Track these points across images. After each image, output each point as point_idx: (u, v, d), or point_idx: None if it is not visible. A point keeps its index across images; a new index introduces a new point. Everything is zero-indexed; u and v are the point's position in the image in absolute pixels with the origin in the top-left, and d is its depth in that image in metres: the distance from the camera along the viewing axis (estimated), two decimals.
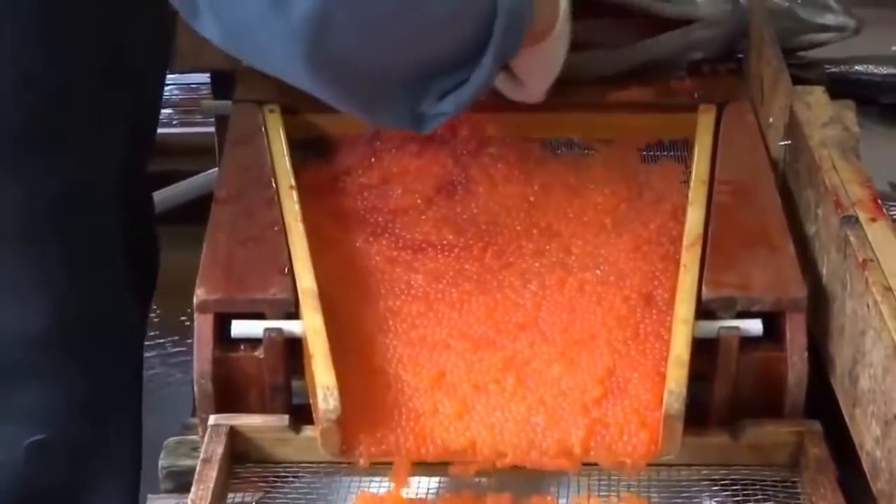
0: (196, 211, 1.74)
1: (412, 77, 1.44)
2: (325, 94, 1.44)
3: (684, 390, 1.38)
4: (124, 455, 1.82)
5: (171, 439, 1.61)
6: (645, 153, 1.76)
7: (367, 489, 1.44)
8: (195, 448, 1.55)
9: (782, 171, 1.67)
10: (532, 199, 1.65)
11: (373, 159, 1.70)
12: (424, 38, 1.40)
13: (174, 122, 3.51)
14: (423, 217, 1.62)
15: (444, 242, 1.58)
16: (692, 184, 1.62)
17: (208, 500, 1.37)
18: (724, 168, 1.64)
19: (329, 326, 1.42)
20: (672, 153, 1.76)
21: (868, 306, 1.35)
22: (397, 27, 1.37)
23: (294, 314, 1.46)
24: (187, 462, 1.56)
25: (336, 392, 1.36)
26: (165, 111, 3.53)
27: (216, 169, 1.73)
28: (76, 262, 1.72)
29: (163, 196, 2.99)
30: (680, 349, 1.41)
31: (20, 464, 1.76)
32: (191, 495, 1.38)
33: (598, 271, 1.54)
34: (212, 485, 1.39)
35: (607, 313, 1.49)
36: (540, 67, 1.66)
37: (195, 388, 1.47)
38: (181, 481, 1.54)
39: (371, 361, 1.45)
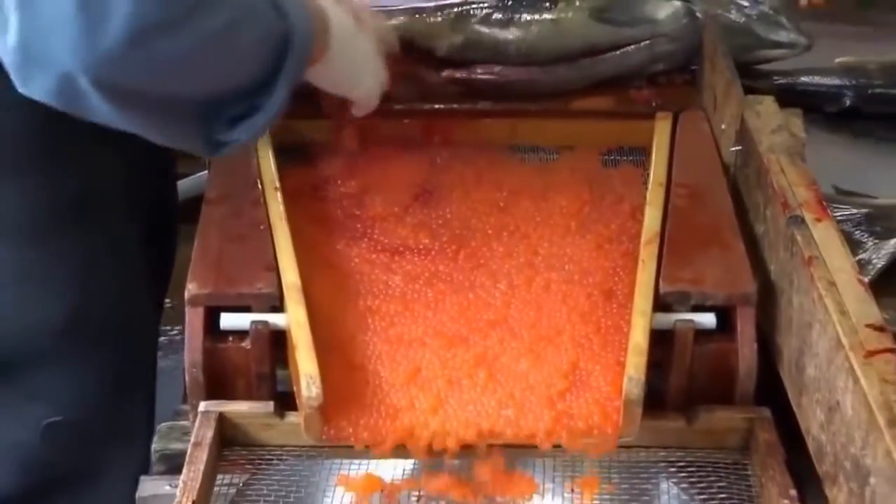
0: (186, 211, 1.80)
1: (203, 107, 1.45)
2: (119, 120, 1.40)
3: (643, 377, 1.44)
4: (136, 441, 1.86)
5: (164, 424, 1.66)
6: (606, 157, 1.84)
7: (347, 471, 1.50)
8: (186, 433, 1.60)
9: (733, 174, 1.74)
10: (501, 203, 1.73)
11: (352, 170, 1.77)
12: (218, 72, 1.42)
13: None
14: (401, 223, 1.69)
15: (420, 246, 1.65)
16: (650, 186, 1.70)
17: (199, 481, 1.43)
18: (679, 172, 1.72)
19: (312, 324, 1.49)
20: (631, 158, 1.84)
21: (814, 300, 1.42)
22: (191, 64, 1.38)
23: (279, 308, 1.53)
24: (178, 446, 1.61)
25: (318, 380, 1.42)
26: None
27: (206, 172, 1.78)
28: (97, 256, 1.77)
29: None
30: (639, 338, 1.48)
31: (37, 443, 1.81)
32: (182, 476, 1.44)
33: (563, 269, 1.62)
34: (202, 467, 1.45)
35: (572, 310, 1.56)
36: (332, 82, 1.69)
37: (186, 377, 1.53)
38: (173, 464, 1.59)
39: (352, 358, 1.51)
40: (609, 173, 1.81)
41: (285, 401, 1.52)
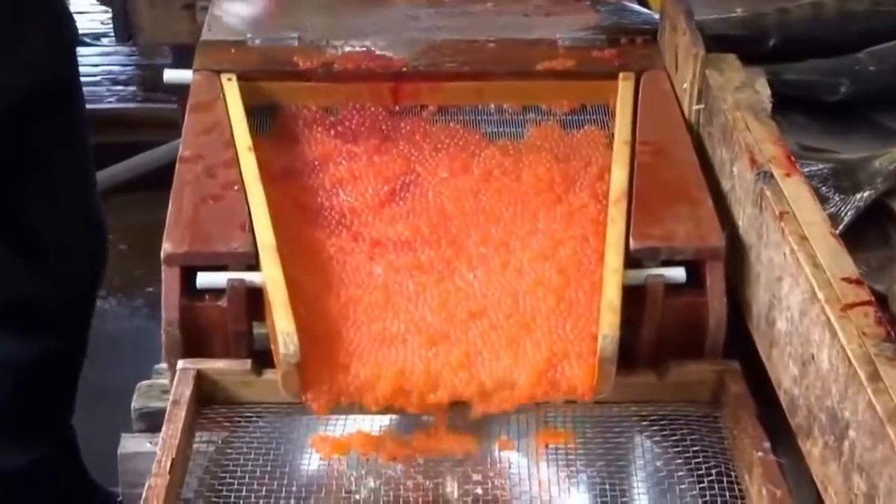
0: (162, 178, 1.66)
1: None
2: None
3: (617, 334, 1.32)
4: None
5: (143, 383, 1.54)
6: (570, 118, 1.69)
7: (323, 429, 1.37)
8: (165, 391, 1.49)
9: (697, 133, 1.61)
10: (475, 187, 1.56)
11: (330, 163, 1.59)
12: None
13: (137, 97, 3.43)
14: (381, 216, 1.51)
15: (402, 238, 1.48)
16: (615, 145, 1.56)
17: (178, 437, 1.30)
18: (644, 130, 1.58)
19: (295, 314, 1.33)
20: (594, 117, 1.70)
21: (785, 255, 1.29)
22: None
23: (254, 266, 1.38)
24: (158, 404, 1.49)
25: (295, 338, 1.28)
26: (128, 88, 3.45)
27: (178, 140, 1.64)
28: None
29: (128, 165, 2.92)
30: (611, 295, 1.35)
31: None
32: (162, 434, 1.31)
33: (536, 247, 1.47)
34: (181, 424, 1.31)
35: (546, 291, 1.41)
36: None
37: (163, 336, 1.39)
38: (153, 422, 1.48)
39: (336, 356, 1.35)
40: (574, 139, 1.66)
41: (263, 358, 1.38)
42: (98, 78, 3.51)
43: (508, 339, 1.35)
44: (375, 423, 1.39)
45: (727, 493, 1.32)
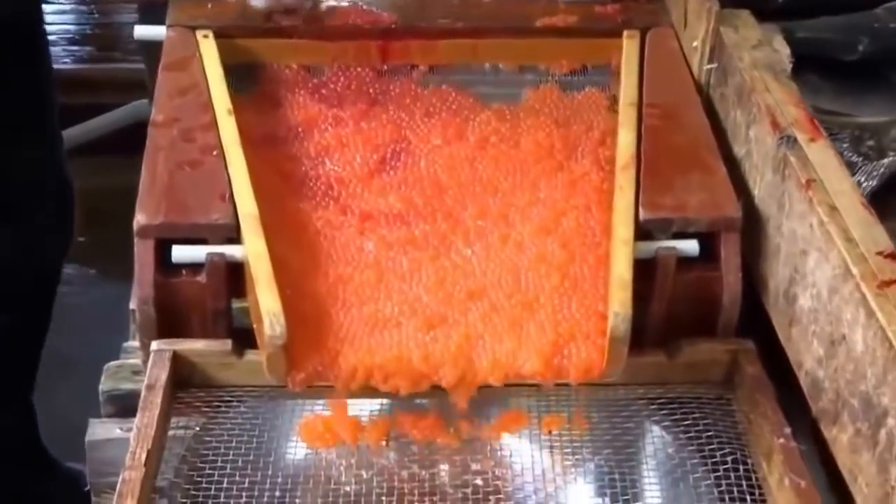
0: (123, 141, 1.55)
1: None
2: None
3: (629, 312, 1.22)
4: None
5: (112, 363, 1.43)
6: (570, 78, 1.58)
7: (311, 412, 1.27)
8: (136, 372, 1.38)
9: (707, 94, 1.50)
10: (471, 155, 1.44)
11: (315, 129, 1.46)
12: None
13: (97, 57, 3.30)
14: (370, 187, 1.40)
15: (394, 211, 1.36)
16: (621, 107, 1.45)
17: (154, 426, 1.19)
18: (651, 92, 1.47)
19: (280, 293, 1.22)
20: (595, 78, 1.58)
21: (811, 226, 1.19)
22: None
23: (235, 239, 1.28)
24: (128, 386, 1.38)
25: (282, 318, 1.18)
26: (86, 48, 3.33)
27: (144, 101, 1.52)
28: None
29: (86, 128, 2.81)
30: (622, 270, 1.25)
31: None
32: (136, 422, 1.20)
33: (537, 219, 1.36)
34: (157, 412, 1.21)
35: (549, 268, 1.30)
36: None
37: (137, 314, 1.29)
38: (122, 405, 1.36)
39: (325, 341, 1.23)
40: (574, 101, 1.54)
41: (243, 338, 1.28)
42: (54, 37, 3.37)
43: (511, 321, 1.25)
44: (365, 408, 1.29)
45: (743, 483, 1.22)
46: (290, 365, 1.19)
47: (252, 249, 1.24)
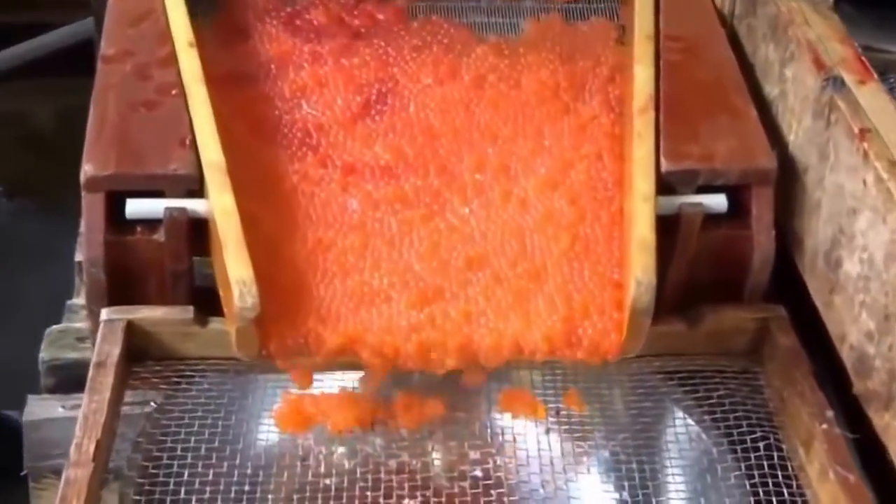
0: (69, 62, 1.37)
1: None
2: None
3: (653, 279, 1.05)
4: None
5: (54, 328, 1.26)
6: (573, 7, 1.40)
7: (285, 390, 1.10)
8: (81, 338, 1.23)
9: (731, 25, 1.33)
10: (466, 97, 1.26)
11: (289, 66, 1.27)
12: None
13: None
14: (353, 134, 1.22)
15: (381, 163, 1.18)
16: (636, 40, 1.27)
17: (104, 413, 1.03)
18: (669, 22, 1.29)
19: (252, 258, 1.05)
20: (601, 5, 1.40)
21: (865, 183, 1.03)
22: None
23: (198, 192, 1.11)
24: (72, 355, 1.22)
25: (254, 287, 1.01)
26: None
27: (89, 19, 1.32)
28: None
29: (32, 46, 2.62)
30: (643, 230, 1.08)
31: None
32: (83, 408, 1.04)
33: (543, 171, 1.18)
34: (107, 395, 1.04)
35: (557, 229, 1.14)
36: None
37: (85, 278, 1.12)
38: (65, 377, 1.21)
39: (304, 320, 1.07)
40: (579, 33, 1.36)
41: (206, 301, 1.11)
42: None
43: (516, 294, 1.08)
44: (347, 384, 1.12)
45: (779, 473, 1.07)
46: (262, 341, 1.03)
47: (218, 205, 1.07)
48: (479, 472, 1.08)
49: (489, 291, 1.08)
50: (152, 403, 1.10)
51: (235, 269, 1.02)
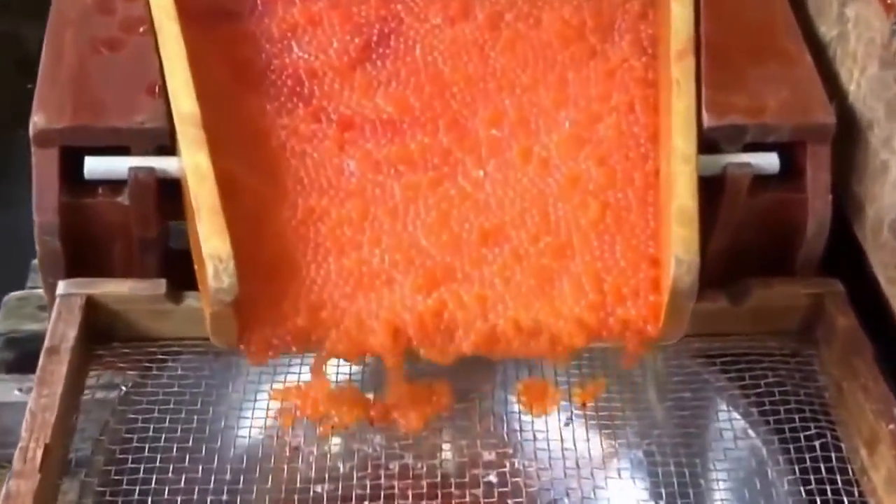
0: None
1: None
2: None
3: (696, 258, 0.90)
4: None
5: (12, 295, 1.11)
6: None
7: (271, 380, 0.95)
8: (43, 307, 1.07)
9: None
10: (480, 39, 1.07)
11: (277, 2, 1.07)
12: None
13: None
14: (351, 82, 1.03)
15: (383, 117, 1.01)
16: None
17: (55, 410, 0.88)
18: None
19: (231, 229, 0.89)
20: None
21: None
22: None
23: (169, 149, 0.95)
24: (32, 327, 1.08)
25: (231, 264, 0.85)
26: None
27: None
28: None
29: None
30: (685, 198, 0.93)
31: None
32: (30, 403, 0.89)
33: (567, 126, 1.01)
34: (60, 388, 0.89)
35: (584, 194, 0.97)
36: None
37: (37, 246, 0.96)
38: (25, 352, 1.06)
39: (293, 306, 0.90)
40: None
41: (186, 271, 0.94)
42: None
43: (539, 275, 0.92)
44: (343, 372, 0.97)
45: (837, 478, 0.92)
46: (241, 329, 0.87)
47: (191, 165, 0.90)
48: (493, 478, 0.93)
49: (507, 272, 0.92)
50: (122, 388, 0.95)
51: (210, 242, 0.86)
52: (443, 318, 0.88)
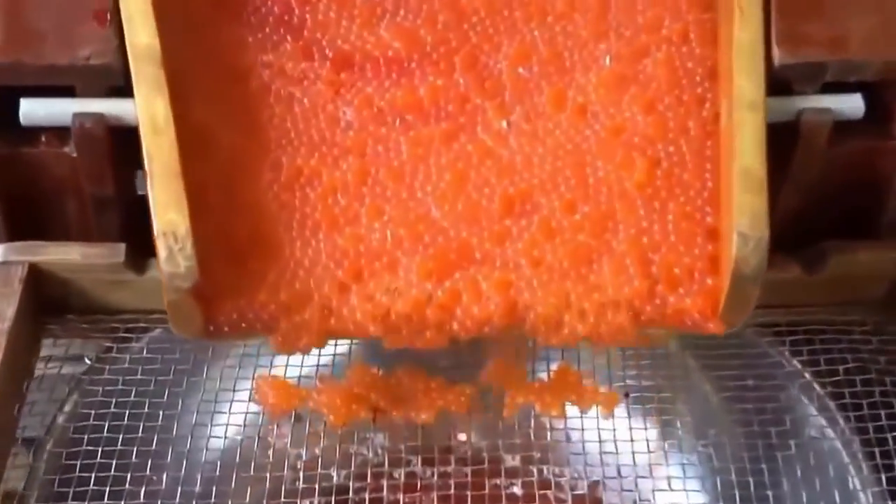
0: None
1: None
2: None
3: (765, 233, 0.73)
4: None
5: None
6: None
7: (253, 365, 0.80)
8: None
9: None
10: None
11: None
12: None
13: None
14: (351, 11, 0.82)
15: (387, 53, 0.81)
16: None
17: None
18: None
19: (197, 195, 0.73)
20: None
21: None
22: None
23: (122, 90, 0.77)
24: None
25: (188, 244, 0.69)
26: None
27: None
28: None
29: None
30: (750, 157, 0.75)
31: None
32: None
33: (607, 65, 0.83)
34: None
35: (628, 150, 0.79)
36: None
37: None
38: None
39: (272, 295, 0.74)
40: None
41: (145, 237, 0.77)
42: None
43: (573, 256, 0.74)
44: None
45: None
46: (206, 318, 0.71)
47: (146, 114, 0.73)
48: (517, 490, 0.77)
49: (536, 251, 0.74)
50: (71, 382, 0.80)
51: (163, 215, 0.69)
52: (455, 315, 0.72)
